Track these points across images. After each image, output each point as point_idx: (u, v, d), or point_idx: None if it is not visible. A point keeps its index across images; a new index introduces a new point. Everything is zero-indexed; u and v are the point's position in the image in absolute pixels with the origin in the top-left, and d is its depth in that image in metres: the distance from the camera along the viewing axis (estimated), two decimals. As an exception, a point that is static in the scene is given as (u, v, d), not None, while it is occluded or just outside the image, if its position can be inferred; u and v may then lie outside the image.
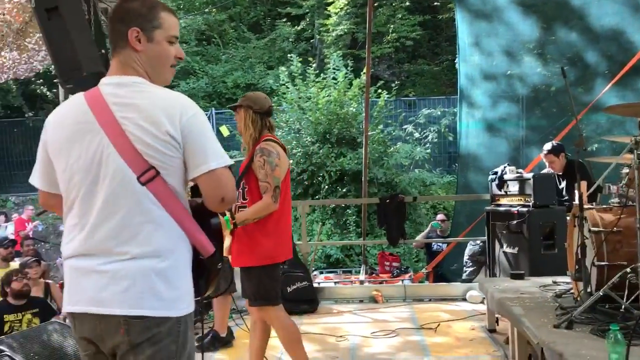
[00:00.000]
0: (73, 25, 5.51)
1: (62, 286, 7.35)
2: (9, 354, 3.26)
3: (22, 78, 8.38)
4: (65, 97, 7.16)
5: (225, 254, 4.01)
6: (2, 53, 7.21)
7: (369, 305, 6.11)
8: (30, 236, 11.10)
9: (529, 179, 5.06)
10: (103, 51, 5.95)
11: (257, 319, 3.60)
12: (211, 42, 18.34)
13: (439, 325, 5.01)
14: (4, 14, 6.62)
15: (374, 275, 8.22)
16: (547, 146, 5.51)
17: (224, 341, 4.72)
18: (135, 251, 1.77)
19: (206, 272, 1.91)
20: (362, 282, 7.51)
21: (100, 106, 1.82)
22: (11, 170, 15.66)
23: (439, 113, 13.97)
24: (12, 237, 10.71)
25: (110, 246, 1.77)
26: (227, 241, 3.80)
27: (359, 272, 8.50)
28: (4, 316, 5.15)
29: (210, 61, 17.38)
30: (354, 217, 11.88)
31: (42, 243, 13.13)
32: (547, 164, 5.57)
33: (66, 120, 1.87)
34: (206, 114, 11.29)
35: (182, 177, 1.87)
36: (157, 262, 1.79)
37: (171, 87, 1.98)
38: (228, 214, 3.27)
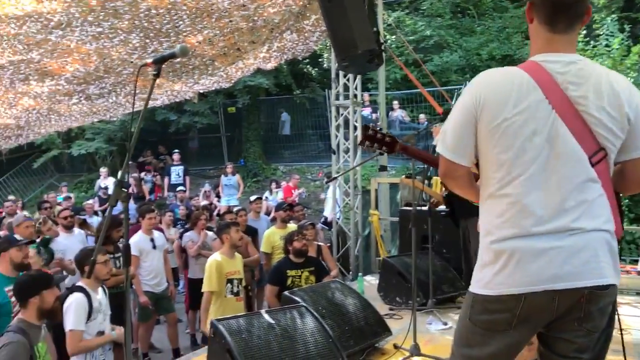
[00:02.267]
0: (351, 5, 5.84)
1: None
2: (305, 305, 3.63)
3: (299, 58, 9.20)
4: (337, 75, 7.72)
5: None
6: (284, 35, 7.96)
7: (653, 299, 5.45)
8: (297, 202, 12.25)
9: None
10: (375, 29, 6.23)
11: None
12: (466, 14, 17.92)
13: None
14: (285, -1, 7.29)
15: (652, 266, 7.27)
16: None
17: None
18: (591, 225, 1.82)
19: None
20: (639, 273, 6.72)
21: (549, 84, 1.84)
22: (280, 142, 17.39)
23: None
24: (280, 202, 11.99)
25: (566, 222, 1.81)
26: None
27: (636, 262, 7.63)
28: (287, 271, 5.77)
29: (464, 34, 17.03)
30: (626, 200, 10.65)
31: (305, 209, 14.44)
32: None
33: (510, 97, 1.86)
34: (459, 89, 11.20)
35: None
36: (607, 236, 1.84)
37: (423, 61, 1.97)
38: None
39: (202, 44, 7.20)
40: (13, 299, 4.18)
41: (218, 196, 13.15)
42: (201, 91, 9.52)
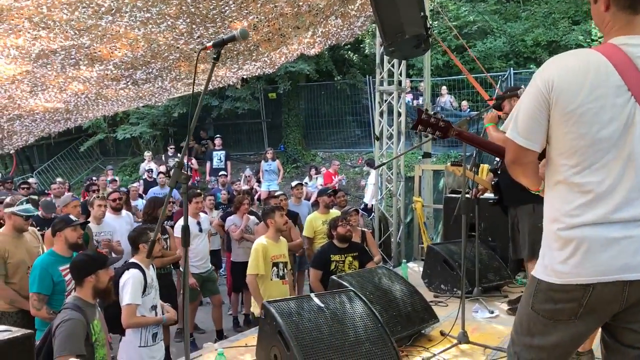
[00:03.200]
0: (399, -11, 5.78)
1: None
2: (353, 289, 3.64)
3: (342, 44, 9.16)
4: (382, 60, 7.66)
5: None
6: (328, 20, 7.93)
7: None
8: (338, 188, 12.26)
9: None
10: (422, 14, 6.14)
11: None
12: (510, -1, 17.56)
13: None
14: (331, -16, 7.25)
15: None
16: None
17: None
18: None
19: None
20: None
21: (628, 69, 1.79)
22: (319, 129, 17.40)
23: None
24: (320, 187, 12.02)
25: (637, 212, 1.77)
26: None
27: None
28: (331, 256, 5.79)
29: (508, 19, 16.66)
30: None
31: (346, 195, 14.44)
32: None
33: (586, 82, 1.81)
34: (503, 75, 10.91)
35: None
36: None
37: (464, 48, 1.91)
38: None
39: (247, 30, 7.25)
40: (67, 278, 4.33)
41: (258, 181, 13.27)
42: (245, 77, 9.57)
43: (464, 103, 14.33)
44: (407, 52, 6.32)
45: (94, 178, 12.53)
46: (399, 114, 7.88)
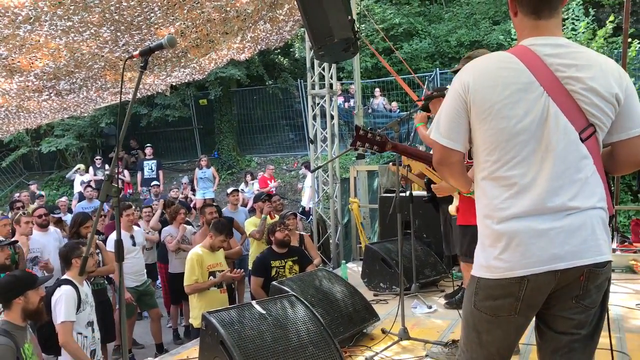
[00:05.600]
0: (326, -6, 5.83)
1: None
2: (294, 294, 3.64)
3: (272, 48, 9.14)
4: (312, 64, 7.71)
5: (452, 213, 4.05)
6: (257, 25, 7.90)
7: (627, 275, 5.62)
8: (274, 192, 12.22)
9: None
10: (350, 17, 6.23)
11: (466, 276, 3.63)
12: (434, 1, 18.04)
13: None
14: (260, -11, 7.23)
15: (626, 244, 7.49)
16: None
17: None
18: (587, 203, 1.86)
19: None
20: (614, 251, 6.91)
21: (538, 66, 1.88)
22: (253, 134, 17.27)
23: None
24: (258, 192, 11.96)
25: (562, 201, 1.85)
26: (455, 201, 3.89)
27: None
28: (271, 262, 5.77)
29: (432, 21, 17.14)
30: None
31: (282, 199, 14.44)
32: None
33: (499, 81, 1.89)
34: (430, 75, 11.23)
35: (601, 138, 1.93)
36: (602, 213, 1.89)
37: (391, 50, 2.00)
38: None
39: (175, 36, 7.12)
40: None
41: (193, 190, 13.04)
42: (174, 84, 9.40)
43: (394, 104, 14.63)
44: (336, 56, 6.39)
45: (16, 195, 11.94)
46: (332, 117, 7.95)
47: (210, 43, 7.74)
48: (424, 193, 5.22)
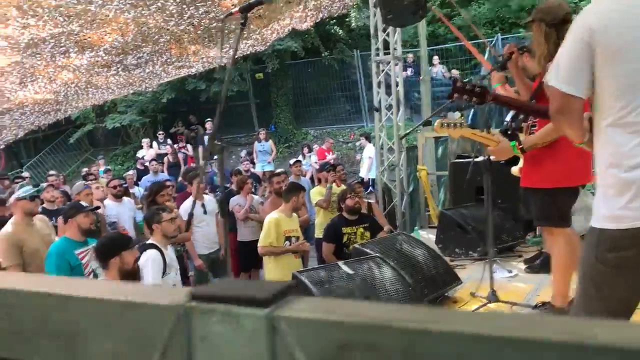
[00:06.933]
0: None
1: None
2: (380, 256, 3.63)
3: (335, 15, 9.05)
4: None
5: (516, 173, 3.89)
6: (319, -7, 7.82)
7: None
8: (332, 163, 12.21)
9: None
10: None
11: (547, 239, 3.58)
12: (493, -36, 17.42)
13: None
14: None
15: None
16: None
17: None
18: None
19: None
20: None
21: None
22: (308, 106, 17.27)
23: None
24: (316, 166, 11.98)
25: None
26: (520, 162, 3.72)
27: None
28: (342, 229, 5.78)
29: (492, -15, 16.56)
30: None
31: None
32: None
33: (628, 21, 1.81)
34: (491, 41, 10.87)
35: None
36: None
37: (451, 16, 1.88)
38: (515, 141, 3.27)
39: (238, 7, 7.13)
40: (83, 261, 4.31)
41: (252, 162, 13.20)
42: (236, 57, 9.44)
43: (454, 71, 14.30)
44: (404, 19, 6.27)
45: (85, 170, 12.39)
46: (397, 84, 7.83)
47: (273, 13, 7.72)
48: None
